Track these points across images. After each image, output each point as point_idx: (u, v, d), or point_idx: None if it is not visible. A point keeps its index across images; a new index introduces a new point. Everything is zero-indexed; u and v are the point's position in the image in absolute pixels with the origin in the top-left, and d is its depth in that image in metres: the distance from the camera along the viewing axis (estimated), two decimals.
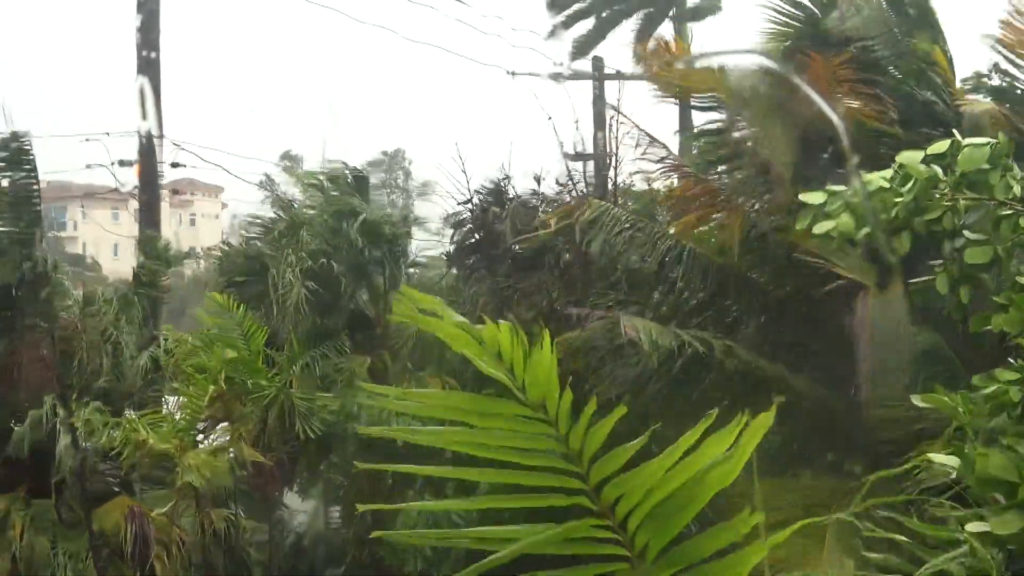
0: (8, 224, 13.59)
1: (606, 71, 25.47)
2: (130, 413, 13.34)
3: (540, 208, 15.16)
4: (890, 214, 7.60)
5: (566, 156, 16.72)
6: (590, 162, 17.98)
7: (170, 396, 14.60)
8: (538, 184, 15.55)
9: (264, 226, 16.59)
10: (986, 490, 4.50)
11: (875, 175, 7.79)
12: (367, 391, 12.94)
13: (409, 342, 15.03)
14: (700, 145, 11.86)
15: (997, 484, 4.48)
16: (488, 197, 15.41)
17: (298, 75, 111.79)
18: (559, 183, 15.70)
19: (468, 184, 15.54)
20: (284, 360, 14.48)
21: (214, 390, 13.61)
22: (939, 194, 7.50)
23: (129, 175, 21.75)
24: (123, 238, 37.27)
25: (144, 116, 19.76)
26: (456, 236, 15.70)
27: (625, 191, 15.37)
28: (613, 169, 15.75)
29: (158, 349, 14.54)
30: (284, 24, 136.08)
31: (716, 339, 9.90)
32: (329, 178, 16.30)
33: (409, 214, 18.82)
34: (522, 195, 15.47)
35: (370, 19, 67.43)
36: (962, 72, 10.54)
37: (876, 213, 7.58)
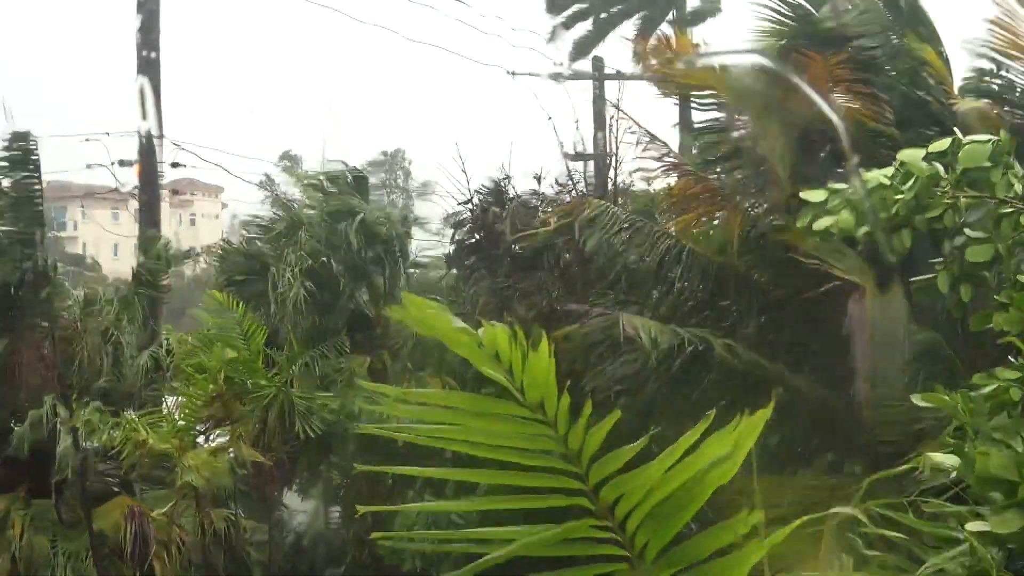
0: (9, 224, 13.60)
1: (606, 71, 25.47)
2: (130, 413, 13.33)
3: (540, 208, 15.15)
4: (890, 212, 7.60)
5: (566, 156, 16.73)
6: (590, 162, 17.99)
7: (170, 396, 14.60)
8: (538, 184, 15.54)
9: (264, 226, 16.61)
10: (986, 489, 4.50)
11: (876, 172, 7.78)
12: (367, 390, 13.00)
13: (409, 342, 15.02)
14: (700, 144, 11.84)
15: (997, 483, 4.47)
16: (488, 197, 15.39)
17: (298, 75, 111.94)
18: (559, 183, 15.69)
19: (468, 184, 15.53)
20: (284, 360, 14.48)
21: (213, 389, 13.62)
22: (940, 192, 7.50)
23: (129, 175, 21.78)
24: (123, 238, 37.28)
25: (144, 116, 19.77)
26: (456, 236, 15.69)
27: (625, 191, 15.37)
28: (613, 169, 15.76)
29: (159, 349, 14.55)
30: (284, 24, 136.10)
31: (715, 338, 9.88)
32: (329, 178, 16.30)
33: (409, 214, 18.85)
34: (522, 195, 15.45)
35: (370, 19, 67.62)
36: (961, 72, 10.52)
37: (876, 210, 7.57)
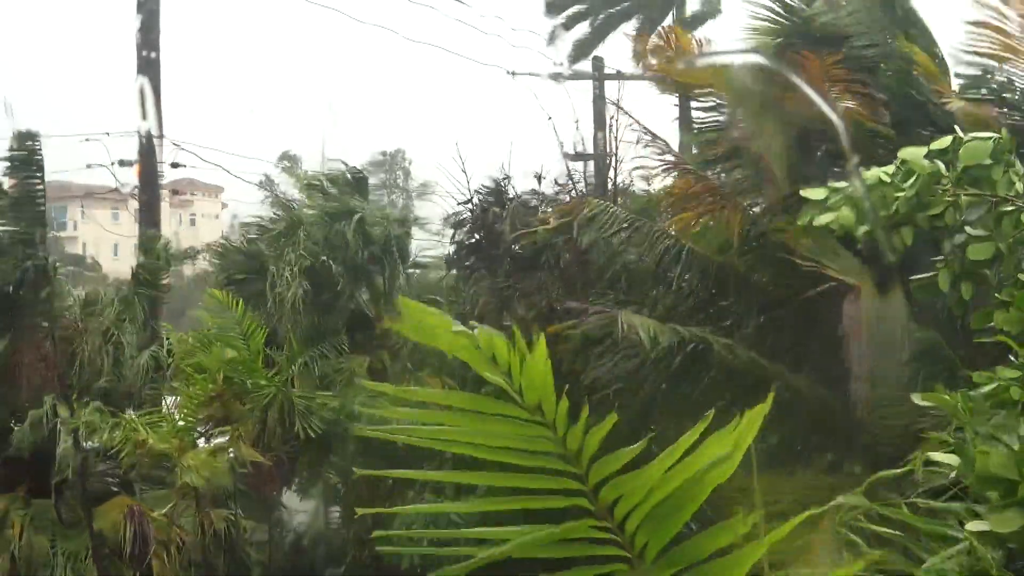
0: (11, 223, 13.60)
1: (606, 71, 25.47)
2: (130, 413, 13.33)
3: (540, 208, 15.13)
4: (891, 209, 7.59)
5: (566, 156, 16.71)
6: (590, 162, 17.98)
7: (170, 396, 14.59)
8: (538, 184, 15.52)
9: (263, 226, 16.60)
10: (986, 488, 4.49)
11: (876, 170, 7.77)
12: (367, 390, 12.97)
13: (409, 342, 15.00)
14: (699, 143, 11.83)
15: (997, 481, 4.47)
16: (488, 197, 15.36)
17: (298, 75, 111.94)
18: (559, 183, 15.68)
19: (468, 184, 15.51)
20: (283, 359, 14.48)
21: (213, 389, 13.62)
22: (941, 189, 7.50)
23: (129, 175, 21.78)
24: (123, 238, 37.24)
25: (144, 116, 19.75)
26: (456, 236, 15.67)
27: (625, 191, 15.37)
28: (613, 169, 15.75)
29: (159, 349, 14.54)
30: (284, 24, 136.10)
31: (715, 337, 9.87)
32: (329, 178, 16.31)
33: (409, 214, 18.83)
34: (522, 195, 15.43)
35: (370, 19, 67.40)
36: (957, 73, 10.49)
37: (876, 208, 7.57)
